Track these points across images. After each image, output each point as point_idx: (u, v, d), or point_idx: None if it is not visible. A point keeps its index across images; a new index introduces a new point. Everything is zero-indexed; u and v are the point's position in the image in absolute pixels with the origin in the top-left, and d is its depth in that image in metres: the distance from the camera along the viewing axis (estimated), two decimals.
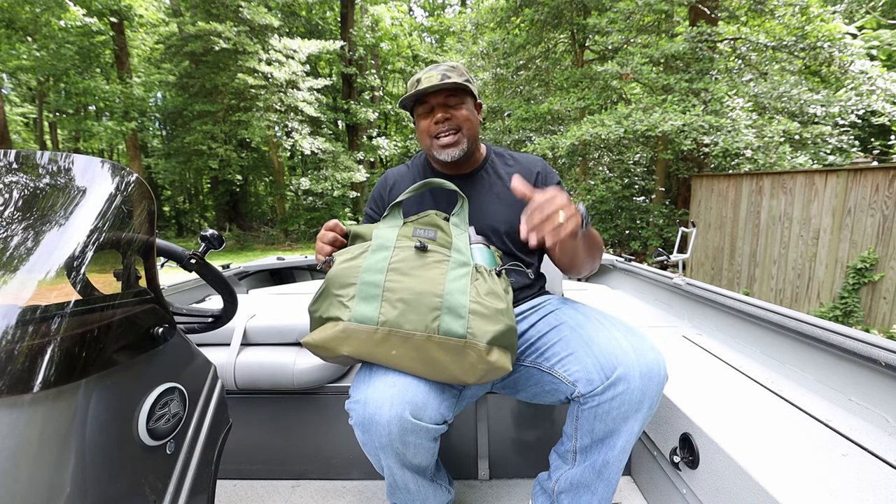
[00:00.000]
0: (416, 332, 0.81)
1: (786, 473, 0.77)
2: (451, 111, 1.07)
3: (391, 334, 0.81)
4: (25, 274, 0.52)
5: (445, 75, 1.05)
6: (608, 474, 0.91)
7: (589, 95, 7.00)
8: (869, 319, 3.96)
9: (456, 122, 1.06)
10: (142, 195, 0.67)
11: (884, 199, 3.79)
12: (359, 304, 0.83)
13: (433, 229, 0.94)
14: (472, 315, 0.81)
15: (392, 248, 0.89)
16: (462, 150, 1.08)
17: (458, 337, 0.80)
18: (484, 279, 0.87)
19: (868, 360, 0.97)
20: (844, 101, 5.91)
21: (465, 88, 1.06)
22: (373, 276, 0.85)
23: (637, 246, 7.35)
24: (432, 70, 1.07)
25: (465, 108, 1.08)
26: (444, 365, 0.81)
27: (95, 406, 0.53)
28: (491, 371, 0.82)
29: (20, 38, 10.34)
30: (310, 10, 15.09)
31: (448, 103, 1.06)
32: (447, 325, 0.81)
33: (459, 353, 0.81)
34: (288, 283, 2.60)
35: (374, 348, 0.82)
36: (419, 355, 0.81)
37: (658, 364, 0.85)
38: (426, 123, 1.08)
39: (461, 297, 0.82)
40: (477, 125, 1.11)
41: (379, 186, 1.23)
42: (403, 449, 0.83)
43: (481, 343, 0.80)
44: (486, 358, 0.80)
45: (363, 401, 0.82)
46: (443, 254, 0.89)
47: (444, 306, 0.81)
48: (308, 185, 11.73)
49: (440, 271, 0.85)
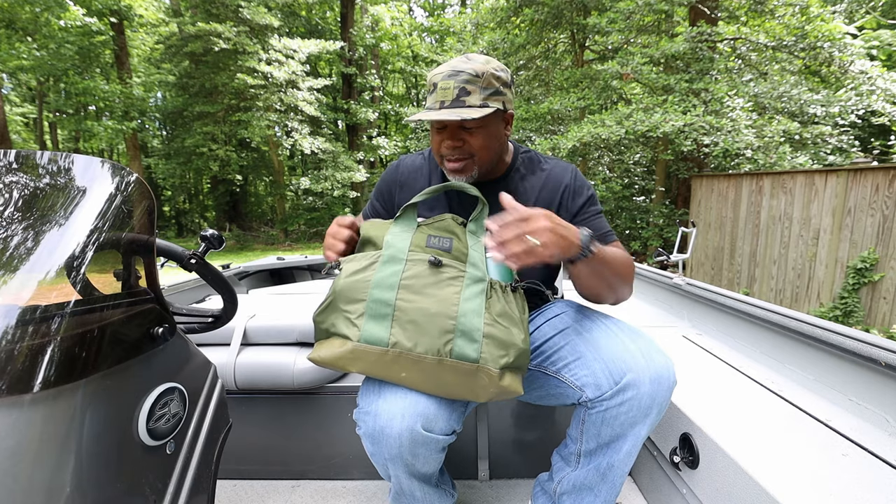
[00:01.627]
0: (427, 356, 0.78)
1: (786, 473, 0.77)
2: (463, 136, 0.92)
3: (401, 356, 0.78)
4: (25, 274, 0.52)
5: (464, 90, 0.87)
6: (612, 477, 0.90)
7: (589, 96, 7.00)
8: (869, 319, 3.96)
9: (468, 149, 0.93)
10: (142, 195, 0.67)
11: (884, 199, 3.79)
12: (368, 322, 0.79)
13: (449, 237, 0.88)
14: (485, 339, 0.79)
15: (404, 262, 0.84)
16: (472, 176, 0.96)
17: (471, 361, 0.78)
18: (498, 297, 0.83)
19: (868, 360, 0.97)
20: (844, 101, 5.92)
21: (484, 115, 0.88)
22: (383, 293, 0.80)
23: (637, 246, 7.35)
24: (451, 78, 0.88)
25: (484, 132, 0.92)
26: (455, 387, 0.80)
27: (95, 406, 0.53)
28: (502, 394, 0.81)
29: (20, 38, 10.34)
30: (310, 10, 15.10)
31: (464, 126, 0.91)
32: (460, 349, 0.78)
33: (471, 377, 0.79)
34: (288, 283, 2.60)
35: (385, 370, 0.80)
36: (430, 378, 0.79)
37: (667, 369, 0.83)
38: (437, 140, 0.96)
39: (475, 319, 0.79)
40: (495, 148, 0.96)
41: (389, 179, 1.12)
42: (413, 460, 0.82)
43: (494, 368, 0.78)
44: (498, 383, 0.79)
45: (374, 412, 0.80)
46: (458, 269, 0.84)
47: (457, 329, 0.78)
48: (308, 185, 11.74)
49: (454, 290, 0.82)
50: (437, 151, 0.98)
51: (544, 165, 1.06)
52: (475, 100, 0.88)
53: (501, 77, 0.92)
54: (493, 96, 0.90)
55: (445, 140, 0.93)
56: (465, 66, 0.89)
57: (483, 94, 0.89)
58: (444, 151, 0.95)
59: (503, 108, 0.93)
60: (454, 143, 0.93)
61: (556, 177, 1.04)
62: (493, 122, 0.94)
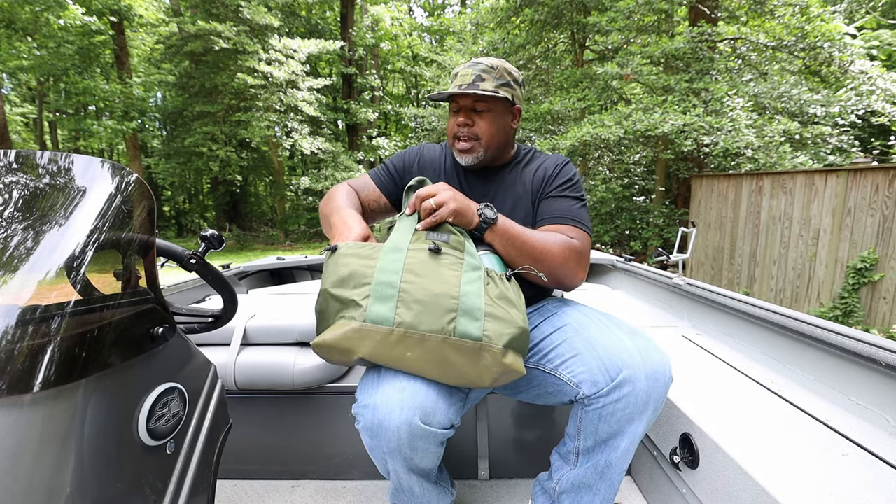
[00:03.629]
0: (431, 334, 0.79)
1: (786, 473, 0.77)
2: (474, 117, 1.05)
3: (406, 336, 0.79)
4: (25, 274, 0.52)
5: (480, 77, 1.02)
6: (611, 475, 0.91)
7: (589, 96, 7.00)
8: (869, 319, 3.96)
9: (476, 130, 1.05)
10: (142, 195, 0.67)
11: (884, 199, 3.78)
12: (374, 303, 0.81)
13: (446, 233, 0.93)
14: (487, 317, 0.80)
15: (406, 251, 0.87)
16: (476, 157, 1.07)
17: (474, 339, 0.79)
18: (495, 284, 0.86)
19: (868, 360, 0.97)
20: (844, 101, 5.92)
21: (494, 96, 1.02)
22: (388, 276, 0.83)
23: (637, 246, 7.35)
24: (470, 67, 1.05)
25: (491, 117, 1.05)
26: (459, 367, 0.80)
27: (95, 406, 0.53)
28: (505, 374, 0.81)
29: (20, 37, 10.34)
30: (310, 10, 15.09)
31: (475, 108, 1.05)
32: (463, 327, 0.79)
33: (475, 356, 0.80)
34: (288, 283, 2.60)
35: (390, 350, 0.80)
36: (434, 357, 0.80)
37: (664, 366, 0.84)
38: (452, 122, 1.08)
39: (476, 299, 0.81)
40: (500, 136, 1.08)
41: (411, 157, 1.20)
42: (411, 454, 0.82)
43: (497, 346, 0.79)
44: (501, 360, 0.80)
45: (372, 406, 0.81)
46: (456, 256, 0.88)
47: (459, 308, 0.80)
48: (308, 185, 11.74)
49: (455, 273, 0.84)
50: (452, 133, 1.09)
51: (541, 158, 1.17)
52: (488, 86, 1.02)
53: (513, 74, 1.07)
54: (503, 87, 1.04)
55: (459, 117, 1.06)
56: (482, 60, 1.06)
57: (495, 83, 1.03)
58: (456, 130, 1.07)
59: (511, 100, 1.06)
60: (466, 121, 1.05)
61: (548, 165, 1.13)
62: (501, 111, 1.07)
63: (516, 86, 1.07)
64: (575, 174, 1.12)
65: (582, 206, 1.07)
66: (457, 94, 1.04)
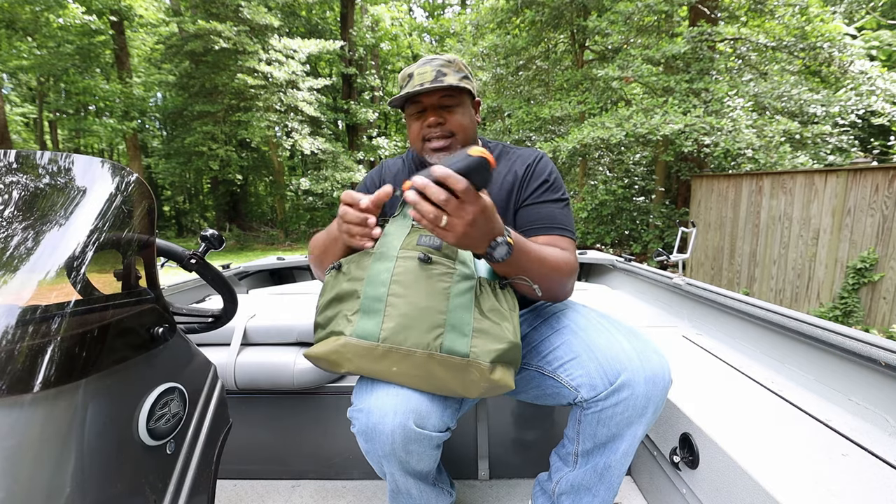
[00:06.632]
0: (417, 350, 0.78)
1: (786, 473, 0.77)
2: (444, 115, 0.99)
3: (392, 351, 0.78)
4: (26, 274, 0.52)
5: (441, 72, 0.97)
6: (610, 477, 0.91)
7: (589, 98, 7.00)
8: (869, 319, 3.96)
9: (449, 127, 0.99)
10: (142, 195, 0.67)
11: (884, 199, 3.78)
12: (361, 318, 0.80)
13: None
14: (475, 333, 0.79)
15: (395, 259, 0.84)
16: None
17: (461, 356, 0.78)
18: (487, 294, 0.83)
19: (868, 360, 0.97)
20: (844, 101, 5.92)
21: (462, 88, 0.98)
22: (375, 289, 0.81)
23: (638, 249, 7.34)
24: (426, 64, 0.98)
25: (462, 110, 1.00)
26: (445, 382, 0.80)
27: (95, 406, 0.53)
28: (493, 388, 0.80)
29: (20, 37, 10.34)
30: (310, 10, 15.09)
31: (443, 104, 0.98)
32: (450, 343, 0.78)
33: (461, 371, 0.79)
34: (288, 283, 2.60)
35: (375, 364, 0.79)
36: (420, 372, 0.79)
37: (663, 369, 0.84)
38: (417, 126, 1.01)
39: (465, 313, 0.79)
40: (473, 129, 1.04)
41: (375, 178, 1.15)
42: (407, 457, 0.82)
43: (484, 362, 0.78)
44: (488, 376, 0.79)
45: (366, 410, 0.80)
46: (447, 265, 0.83)
47: (447, 323, 0.78)
48: (308, 186, 11.73)
49: (444, 285, 0.82)
50: (418, 137, 1.02)
51: (512, 154, 1.09)
52: (452, 79, 0.97)
53: (468, 68, 1.04)
54: (465, 80, 1.00)
55: (427, 119, 0.99)
56: (437, 56, 1.01)
57: (457, 76, 0.99)
58: (426, 132, 1.00)
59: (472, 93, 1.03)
60: (437, 120, 0.98)
61: (521, 162, 1.05)
62: (468, 103, 1.03)
63: (473, 79, 1.04)
64: (551, 171, 1.04)
65: (565, 207, 1.01)
66: (422, 92, 0.96)
